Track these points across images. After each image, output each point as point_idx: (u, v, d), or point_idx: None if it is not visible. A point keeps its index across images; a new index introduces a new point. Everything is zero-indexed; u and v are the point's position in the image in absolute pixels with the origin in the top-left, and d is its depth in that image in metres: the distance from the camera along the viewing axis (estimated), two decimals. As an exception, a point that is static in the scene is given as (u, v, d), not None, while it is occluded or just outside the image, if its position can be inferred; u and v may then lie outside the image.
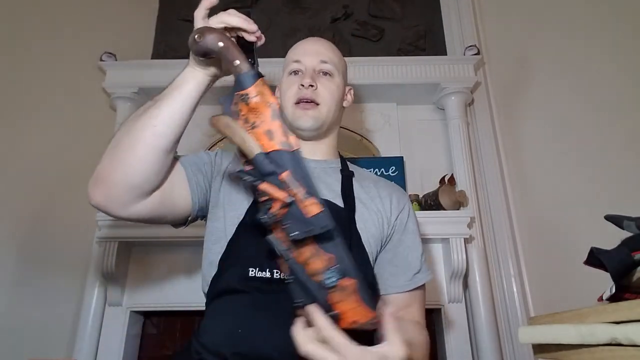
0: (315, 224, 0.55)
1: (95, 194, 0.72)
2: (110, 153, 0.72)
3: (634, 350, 0.44)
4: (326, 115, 0.90)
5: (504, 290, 1.54)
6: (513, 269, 1.52)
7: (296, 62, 0.92)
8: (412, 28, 1.97)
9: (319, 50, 0.93)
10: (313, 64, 0.91)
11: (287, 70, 0.94)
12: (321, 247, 0.56)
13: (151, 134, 0.70)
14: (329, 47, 0.96)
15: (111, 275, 1.45)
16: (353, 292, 0.55)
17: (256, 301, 0.75)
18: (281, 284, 0.76)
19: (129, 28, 1.92)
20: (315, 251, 0.56)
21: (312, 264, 0.57)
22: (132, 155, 0.70)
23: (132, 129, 0.71)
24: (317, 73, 0.91)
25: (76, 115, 1.59)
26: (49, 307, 1.39)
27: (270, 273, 0.77)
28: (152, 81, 1.69)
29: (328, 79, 0.91)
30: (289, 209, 0.56)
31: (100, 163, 0.72)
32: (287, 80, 0.93)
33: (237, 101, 0.62)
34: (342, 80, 0.95)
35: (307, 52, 0.93)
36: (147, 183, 0.72)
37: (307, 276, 0.57)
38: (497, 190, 1.63)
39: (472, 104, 1.80)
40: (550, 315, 0.59)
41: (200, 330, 0.79)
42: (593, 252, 0.57)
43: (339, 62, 0.95)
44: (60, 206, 1.47)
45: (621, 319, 0.46)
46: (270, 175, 0.58)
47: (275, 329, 0.72)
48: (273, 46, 1.93)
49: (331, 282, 0.55)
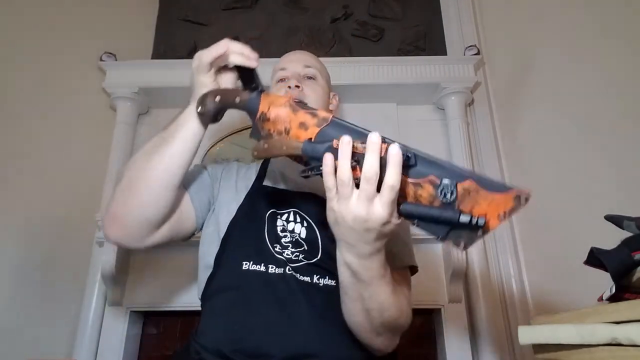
0: None
1: (113, 232, 0.75)
2: (124, 193, 0.74)
3: (634, 350, 0.44)
4: None
5: (504, 290, 1.54)
6: (513, 269, 1.52)
7: (282, 70, 0.98)
8: (412, 28, 1.97)
9: (302, 58, 1.00)
10: (297, 69, 0.97)
11: (274, 79, 1.00)
12: (417, 175, 0.54)
13: (165, 174, 0.73)
14: (312, 56, 1.03)
15: (111, 275, 1.45)
16: (478, 190, 0.51)
17: (251, 297, 0.77)
18: (276, 278, 0.77)
19: (129, 28, 1.92)
20: (416, 182, 0.54)
21: (423, 194, 0.54)
22: (147, 194, 0.73)
23: (144, 169, 0.73)
24: (302, 77, 0.96)
25: (76, 115, 1.59)
26: (49, 307, 1.39)
27: (265, 267, 0.78)
28: (152, 81, 1.69)
29: (312, 82, 0.97)
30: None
31: (114, 202, 0.74)
32: (275, 87, 0.99)
33: (260, 125, 0.64)
34: (326, 84, 1.01)
35: (291, 60, 0.99)
36: (161, 217, 0.76)
37: (429, 208, 0.53)
38: (497, 190, 1.63)
39: (472, 104, 1.80)
40: (550, 315, 0.59)
41: (198, 332, 0.80)
42: (593, 252, 0.57)
43: (321, 69, 1.01)
44: (60, 206, 1.47)
45: (621, 319, 0.46)
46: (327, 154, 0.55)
47: (272, 324, 0.74)
48: (273, 46, 1.94)
49: (452, 197, 0.51)
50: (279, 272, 0.78)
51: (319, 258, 0.81)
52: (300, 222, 0.85)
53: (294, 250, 0.81)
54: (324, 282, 0.79)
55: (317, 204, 0.86)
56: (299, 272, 0.79)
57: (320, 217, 0.83)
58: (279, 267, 0.79)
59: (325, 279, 0.79)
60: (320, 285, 0.79)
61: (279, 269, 0.78)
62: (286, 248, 0.81)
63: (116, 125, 1.68)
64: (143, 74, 1.70)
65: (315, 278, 0.79)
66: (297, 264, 0.80)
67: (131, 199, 0.73)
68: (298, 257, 0.80)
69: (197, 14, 2.01)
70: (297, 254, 0.80)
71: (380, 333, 0.70)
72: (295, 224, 0.85)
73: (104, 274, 1.45)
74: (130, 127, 1.70)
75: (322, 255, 0.81)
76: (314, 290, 0.78)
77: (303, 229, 0.84)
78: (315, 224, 0.85)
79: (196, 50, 1.83)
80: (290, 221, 0.85)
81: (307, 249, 0.81)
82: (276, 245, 0.81)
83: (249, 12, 2.02)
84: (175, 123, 0.75)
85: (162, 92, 1.71)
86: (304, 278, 0.78)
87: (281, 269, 0.78)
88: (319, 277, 0.79)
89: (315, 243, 0.82)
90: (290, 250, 0.81)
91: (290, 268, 0.79)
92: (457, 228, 0.52)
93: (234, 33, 1.98)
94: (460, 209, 0.52)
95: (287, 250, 0.81)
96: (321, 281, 0.79)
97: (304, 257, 0.80)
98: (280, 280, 0.77)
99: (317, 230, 0.84)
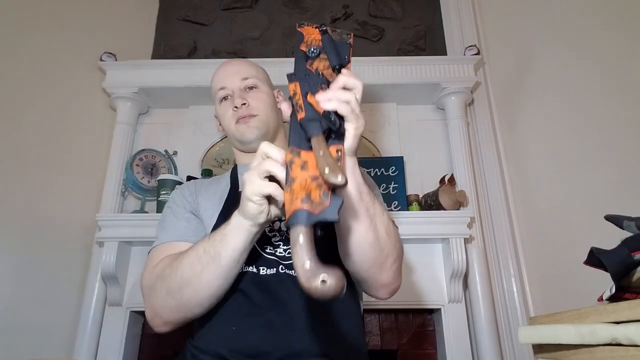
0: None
1: (161, 328, 0.76)
2: (174, 298, 0.71)
3: (634, 350, 0.44)
4: (267, 121, 0.94)
5: (504, 290, 1.54)
6: (513, 269, 1.52)
7: (222, 89, 0.96)
8: (412, 28, 1.97)
9: (236, 70, 0.98)
10: (236, 84, 0.95)
11: (217, 98, 0.98)
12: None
13: (217, 289, 0.71)
14: (245, 64, 1.02)
15: (111, 275, 1.45)
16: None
17: (246, 298, 0.76)
18: (269, 278, 0.77)
19: (129, 28, 1.92)
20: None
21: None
22: (197, 305, 0.72)
23: (198, 281, 0.69)
24: (244, 90, 0.96)
25: (76, 115, 1.59)
26: (49, 307, 1.39)
27: (257, 269, 0.78)
28: (152, 81, 1.69)
29: (255, 92, 0.96)
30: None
31: (162, 302, 0.72)
32: (220, 107, 0.98)
33: (292, 162, 0.55)
34: (268, 87, 1.00)
35: (227, 76, 0.97)
36: None
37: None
38: (497, 190, 1.63)
39: (472, 104, 1.80)
40: (550, 315, 0.59)
41: (194, 335, 0.80)
42: (593, 252, 0.57)
43: (258, 73, 1.00)
44: (60, 206, 1.47)
45: (621, 319, 0.46)
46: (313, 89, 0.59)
47: (269, 323, 0.74)
48: (273, 46, 1.94)
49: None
50: (271, 272, 0.78)
51: None
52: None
53: (286, 247, 0.80)
54: None
55: None
56: (293, 268, 0.78)
57: None
58: (271, 267, 0.78)
59: None
60: None
61: (270, 270, 0.78)
62: (277, 247, 0.81)
63: (116, 125, 1.68)
64: (143, 74, 1.70)
65: None
66: (291, 260, 0.79)
67: (182, 307, 0.72)
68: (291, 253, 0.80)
69: (197, 14, 2.01)
70: (289, 250, 0.80)
71: (388, 259, 0.72)
72: (281, 222, 0.84)
73: (104, 274, 1.45)
74: (130, 127, 1.71)
75: None
76: None
77: None
78: None
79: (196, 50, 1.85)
80: (276, 220, 0.83)
81: None
82: (266, 246, 0.81)
83: (249, 12, 2.02)
84: (224, 235, 0.67)
85: (162, 92, 1.71)
86: None
87: (273, 269, 0.78)
88: None
89: None
90: (283, 248, 0.81)
91: (283, 267, 0.78)
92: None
93: (234, 33, 1.98)
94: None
95: (279, 248, 0.81)
96: None
97: None
98: (274, 280, 0.77)
99: None
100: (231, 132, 0.95)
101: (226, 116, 0.95)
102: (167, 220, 0.88)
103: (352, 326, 0.81)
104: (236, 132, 0.94)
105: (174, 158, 1.73)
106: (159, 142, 1.75)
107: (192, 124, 1.78)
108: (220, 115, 0.97)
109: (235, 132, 0.94)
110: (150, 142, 1.75)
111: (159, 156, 1.69)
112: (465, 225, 1.49)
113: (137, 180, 1.61)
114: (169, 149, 1.73)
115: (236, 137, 0.94)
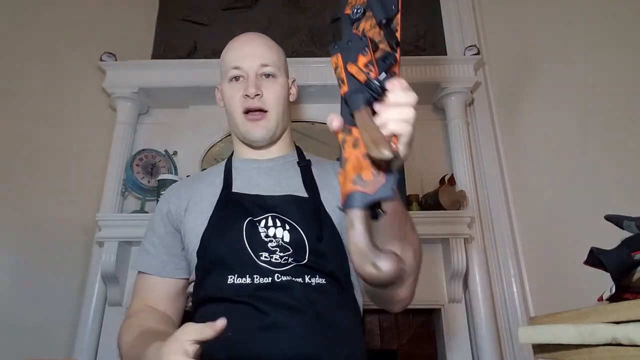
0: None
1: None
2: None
3: (634, 350, 0.44)
4: (276, 120, 0.91)
5: (504, 290, 1.54)
6: (513, 269, 1.52)
7: (236, 68, 0.90)
8: (412, 28, 1.97)
9: (257, 53, 0.91)
10: (254, 68, 0.89)
11: (227, 76, 0.92)
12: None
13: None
14: (266, 46, 0.93)
15: (111, 275, 1.45)
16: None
17: (243, 306, 0.75)
18: (264, 287, 0.76)
19: (129, 28, 1.92)
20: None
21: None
22: None
23: None
24: (260, 77, 0.90)
25: (76, 115, 1.59)
26: (49, 307, 1.39)
27: (251, 279, 0.76)
28: (152, 81, 1.69)
29: (271, 81, 0.91)
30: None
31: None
32: (228, 87, 0.91)
33: (345, 141, 0.52)
34: (284, 77, 0.95)
35: (246, 57, 0.90)
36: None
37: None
38: (497, 190, 1.63)
39: (472, 104, 1.80)
40: (550, 315, 0.59)
41: None
42: (593, 252, 0.57)
43: (278, 60, 0.93)
44: (60, 206, 1.47)
45: (621, 319, 0.46)
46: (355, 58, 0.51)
47: (266, 328, 0.73)
48: (273, 46, 1.93)
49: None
50: (265, 281, 0.76)
51: (307, 259, 0.79)
52: (282, 226, 0.81)
53: (282, 254, 0.78)
54: (316, 281, 0.78)
55: (296, 203, 0.84)
56: (290, 274, 0.77)
57: (302, 216, 0.82)
58: (264, 276, 0.76)
59: (316, 278, 0.78)
60: (313, 284, 0.77)
61: (264, 279, 0.76)
62: (274, 253, 0.79)
63: (116, 125, 1.68)
64: (143, 74, 1.70)
65: (307, 278, 0.77)
66: (287, 267, 0.78)
67: None
68: (287, 260, 0.78)
69: (197, 14, 2.01)
70: (285, 257, 0.78)
71: (409, 278, 0.70)
72: (276, 228, 0.81)
73: (104, 274, 1.45)
74: (130, 127, 1.71)
75: (309, 256, 0.79)
76: (306, 291, 0.76)
77: (285, 232, 0.81)
78: (298, 225, 0.81)
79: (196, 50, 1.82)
80: (270, 226, 0.81)
81: (294, 251, 0.79)
82: (262, 253, 0.79)
83: (249, 12, 2.02)
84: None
85: (162, 92, 1.71)
86: (296, 279, 0.76)
87: (268, 278, 0.76)
88: (310, 277, 0.78)
89: (301, 244, 0.80)
90: (279, 254, 0.79)
91: (279, 274, 0.77)
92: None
93: (234, 33, 1.98)
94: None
95: (275, 255, 0.79)
96: (313, 280, 0.77)
97: (293, 259, 0.78)
98: (270, 288, 0.76)
99: (300, 231, 0.81)
100: (235, 122, 0.91)
101: (234, 100, 0.90)
102: (148, 240, 0.91)
103: (352, 326, 0.80)
104: (241, 124, 0.90)
105: (174, 158, 1.73)
106: (159, 142, 1.74)
107: (192, 124, 1.78)
108: (227, 95, 0.91)
109: (240, 123, 0.90)
110: (150, 142, 1.75)
111: (159, 156, 1.69)
112: (465, 225, 1.49)
113: (137, 180, 1.61)
114: (169, 149, 1.73)
115: (240, 131, 0.91)
